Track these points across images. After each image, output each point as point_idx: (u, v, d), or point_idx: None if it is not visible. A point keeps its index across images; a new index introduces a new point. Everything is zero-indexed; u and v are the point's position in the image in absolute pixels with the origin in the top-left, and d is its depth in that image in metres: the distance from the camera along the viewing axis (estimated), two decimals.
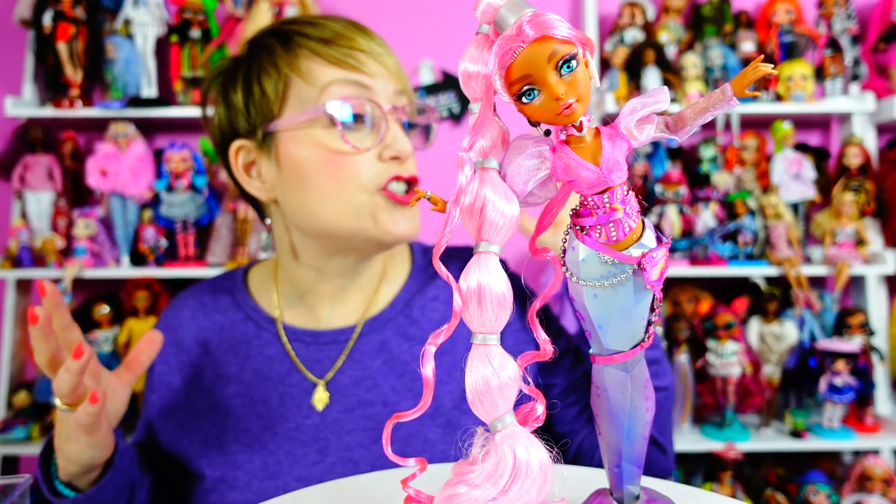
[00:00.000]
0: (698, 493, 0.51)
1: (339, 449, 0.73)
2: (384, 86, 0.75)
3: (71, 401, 0.60)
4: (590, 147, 0.38)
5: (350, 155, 0.72)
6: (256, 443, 0.74)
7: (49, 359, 0.59)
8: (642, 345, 0.41)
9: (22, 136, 1.64)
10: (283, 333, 0.79)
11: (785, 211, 1.66)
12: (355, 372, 0.77)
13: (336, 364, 0.77)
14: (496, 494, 0.37)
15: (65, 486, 0.66)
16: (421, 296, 0.82)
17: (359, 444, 0.73)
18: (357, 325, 0.79)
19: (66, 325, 0.62)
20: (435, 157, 1.62)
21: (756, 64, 0.34)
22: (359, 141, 0.72)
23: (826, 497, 1.50)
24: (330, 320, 0.80)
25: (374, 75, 0.74)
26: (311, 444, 0.73)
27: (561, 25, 0.35)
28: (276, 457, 0.73)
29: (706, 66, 1.72)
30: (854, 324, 1.59)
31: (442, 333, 0.39)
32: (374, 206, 0.73)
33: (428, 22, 1.88)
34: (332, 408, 0.75)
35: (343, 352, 0.78)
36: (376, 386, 0.76)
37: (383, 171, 0.73)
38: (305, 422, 0.75)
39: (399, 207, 0.74)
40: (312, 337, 0.79)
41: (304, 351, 0.78)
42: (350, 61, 0.74)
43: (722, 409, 1.60)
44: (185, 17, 1.70)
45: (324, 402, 0.75)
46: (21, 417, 1.58)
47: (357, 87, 0.73)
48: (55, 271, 1.60)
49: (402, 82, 0.77)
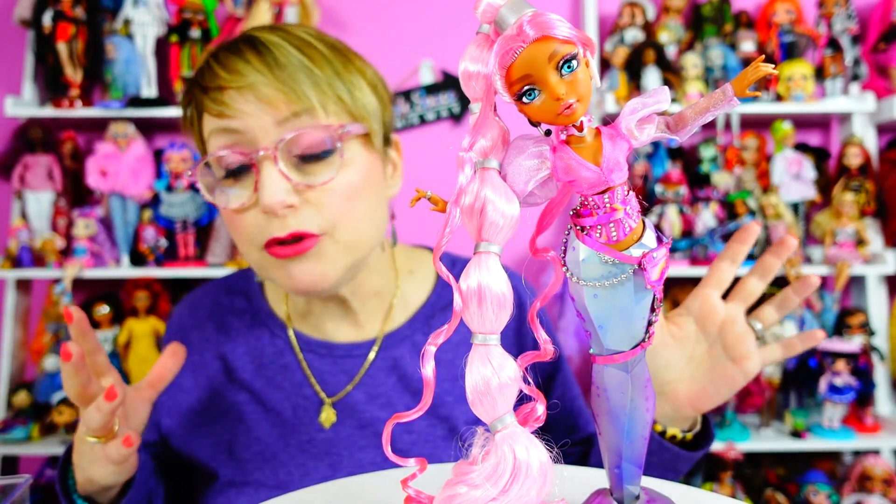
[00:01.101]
0: (698, 493, 0.51)
1: (350, 465, 0.71)
2: (261, 122, 0.64)
3: (100, 435, 0.59)
4: (590, 147, 0.37)
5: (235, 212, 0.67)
6: (268, 452, 0.73)
7: (79, 392, 0.58)
8: (642, 345, 0.41)
9: (22, 136, 1.64)
10: (296, 343, 0.77)
11: (785, 211, 1.66)
12: (370, 389, 0.75)
13: (350, 384, 0.75)
14: (496, 495, 0.37)
15: (83, 499, 0.65)
16: (443, 314, 0.78)
17: (371, 462, 0.71)
18: (378, 339, 0.77)
19: (92, 351, 0.61)
20: (435, 157, 1.62)
21: (756, 64, 0.34)
22: (239, 194, 0.66)
23: (826, 497, 1.50)
24: (337, 334, 0.78)
25: (243, 115, 0.64)
26: (323, 459, 0.72)
27: (561, 25, 0.35)
28: (288, 468, 0.72)
29: (706, 66, 1.71)
30: (854, 324, 1.59)
31: (442, 333, 0.39)
32: (265, 262, 0.67)
33: (428, 22, 1.88)
34: (346, 423, 0.73)
35: (360, 368, 0.75)
36: (390, 404, 0.74)
37: (263, 226, 0.65)
38: (318, 435, 0.73)
39: (289, 261, 0.66)
40: (327, 349, 0.77)
41: (318, 363, 0.76)
42: (218, 107, 0.65)
43: (722, 409, 1.60)
44: (184, 17, 1.70)
45: (330, 420, 0.74)
46: (21, 417, 1.58)
47: (228, 135, 0.65)
48: (55, 271, 1.60)
49: (295, 103, 0.64)
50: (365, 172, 0.69)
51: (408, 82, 1.87)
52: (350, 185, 0.67)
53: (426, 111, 1.86)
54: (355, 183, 0.67)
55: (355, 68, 0.70)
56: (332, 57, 0.68)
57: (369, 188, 0.69)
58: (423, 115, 1.86)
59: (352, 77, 0.69)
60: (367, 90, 0.70)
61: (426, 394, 0.39)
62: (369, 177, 0.69)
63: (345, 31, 1.88)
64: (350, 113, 0.68)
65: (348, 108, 0.68)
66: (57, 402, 1.57)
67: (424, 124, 1.87)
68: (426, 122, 1.86)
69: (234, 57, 0.66)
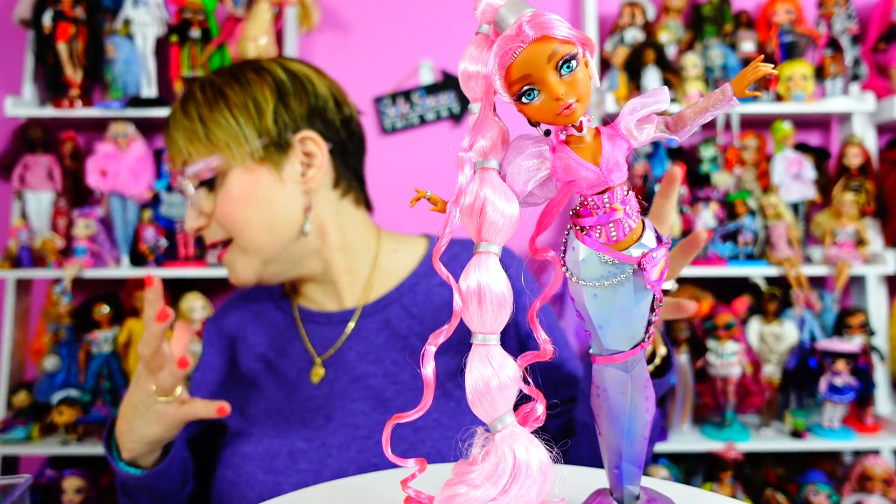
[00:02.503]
0: (698, 493, 0.51)
1: (342, 415, 0.81)
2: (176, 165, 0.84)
3: (166, 394, 0.72)
4: (590, 147, 0.37)
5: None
6: (273, 407, 0.84)
7: (153, 352, 0.68)
8: (642, 345, 0.41)
9: (22, 136, 1.64)
10: (298, 316, 0.91)
11: (785, 211, 1.66)
12: (361, 348, 0.86)
13: (336, 343, 0.87)
14: (496, 494, 0.37)
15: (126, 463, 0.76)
16: (427, 280, 0.89)
17: (360, 411, 0.81)
18: (358, 308, 0.88)
19: None
20: (435, 157, 1.62)
21: (756, 64, 0.34)
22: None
23: (826, 497, 1.50)
24: (326, 304, 0.90)
25: (171, 161, 0.85)
26: (320, 411, 0.82)
27: (561, 25, 0.35)
28: (288, 420, 0.82)
29: (706, 66, 1.71)
30: (854, 324, 1.59)
31: (442, 334, 0.39)
32: None
33: (428, 22, 1.88)
34: (341, 379, 0.84)
35: (343, 333, 0.87)
36: (378, 359, 0.84)
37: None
38: (317, 392, 0.84)
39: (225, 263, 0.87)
40: (324, 318, 0.89)
41: (319, 331, 0.89)
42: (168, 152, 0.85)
43: (722, 410, 1.60)
44: (184, 17, 1.70)
45: (319, 376, 0.85)
46: (21, 417, 1.58)
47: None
48: (55, 271, 1.60)
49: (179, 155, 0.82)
50: (245, 189, 0.81)
51: (408, 82, 1.87)
52: (229, 206, 0.81)
53: (426, 111, 1.86)
54: (234, 203, 0.81)
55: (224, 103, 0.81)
56: (202, 101, 0.82)
57: (255, 200, 0.81)
58: (423, 115, 1.86)
59: (214, 114, 0.81)
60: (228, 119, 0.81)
61: (426, 394, 0.39)
62: (253, 190, 0.81)
63: (345, 31, 1.88)
64: (210, 149, 0.81)
65: (206, 146, 0.81)
66: (57, 402, 1.57)
67: (424, 124, 1.87)
68: (426, 122, 1.86)
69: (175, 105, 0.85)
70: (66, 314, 1.64)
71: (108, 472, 1.62)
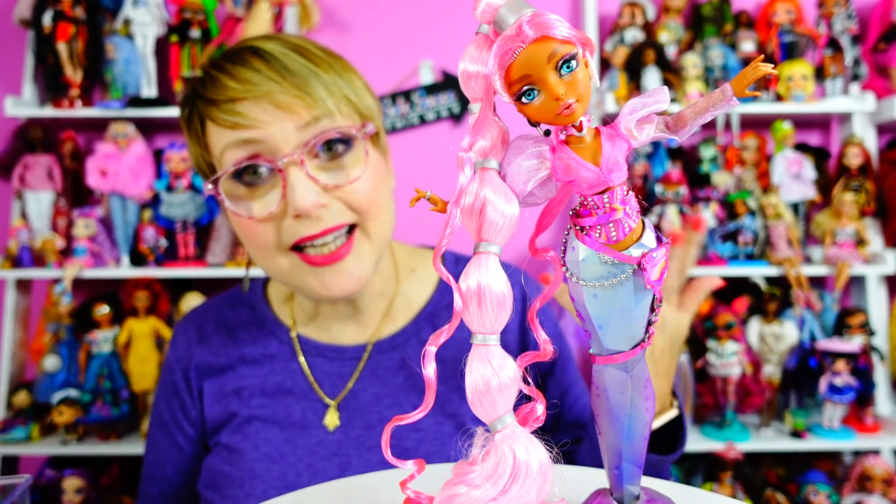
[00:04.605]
0: (698, 493, 0.50)
1: (359, 465, 0.72)
2: (281, 129, 0.65)
3: None
4: (590, 147, 0.37)
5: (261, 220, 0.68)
6: (276, 453, 0.73)
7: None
8: (642, 345, 0.41)
9: (22, 136, 1.64)
10: (299, 348, 0.79)
11: (785, 211, 1.66)
12: (377, 389, 0.76)
13: (348, 384, 0.76)
14: (496, 495, 0.37)
15: None
16: (446, 311, 0.79)
17: (379, 461, 0.71)
18: (370, 342, 0.78)
19: None
20: (435, 157, 1.62)
21: (756, 64, 0.34)
22: (263, 203, 0.68)
23: (826, 497, 1.50)
24: (342, 336, 0.79)
25: (262, 124, 0.65)
26: (332, 460, 0.72)
27: (561, 25, 0.35)
28: (296, 469, 0.72)
29: (706, 66, 1.71)
30: (854, 324, 1.59)
31: (443, 334, 0.39)
32: (296, 268, 0.69)
33: (428, 22, 1.88)
34: (354, 424, 0.74)
35: (356, 370, 0.77)
36: (397, 403, 0.75)
37: (292, 229, 0.67)
38: (327, 437, 0.74)
39: (324, 268, 0.68)
40: (336, 352, 0.78)
41: (327, 366, 0.77)
42: (233, 119, 0.65)
43: (722, 409, 1.60)
44: (184, 17, 1.70)
45: (334, 424, 0.74)
46: (21, 417, 1.58)
47: (246, 147, 0.66)
48: (55, 271, 1.60)
49: (313, 108, 0.66)
50: (379, 168, 0.72)
51: (408, 82, 1.87)
52: (372, 180, 0.70)
53: (426, 111, 1.86)
54: (375, 178, 0.71)
55: (352, 71, 0.73)
56: (332, 61, 0.71)
57: (383, 183, 0.73)
58: (423, 115, 1.86)
59: (351, 79, 0.72)
60: (365, 91, 0.73)
61: (428, 395, 0.39)
62: (381, 172, 0.73)
63: (345, 31, 1.88)
64: (360, 113, 0.71)
65: (357, 108, 0.71)
66: (57, 402, 1.57)
67: (424, 124, 1.87)
68: (426, 122, 1.86)
69: (240, 67, 0.67)
70: (66, 314, 1.64)
71: (108, 472, 1.62)
